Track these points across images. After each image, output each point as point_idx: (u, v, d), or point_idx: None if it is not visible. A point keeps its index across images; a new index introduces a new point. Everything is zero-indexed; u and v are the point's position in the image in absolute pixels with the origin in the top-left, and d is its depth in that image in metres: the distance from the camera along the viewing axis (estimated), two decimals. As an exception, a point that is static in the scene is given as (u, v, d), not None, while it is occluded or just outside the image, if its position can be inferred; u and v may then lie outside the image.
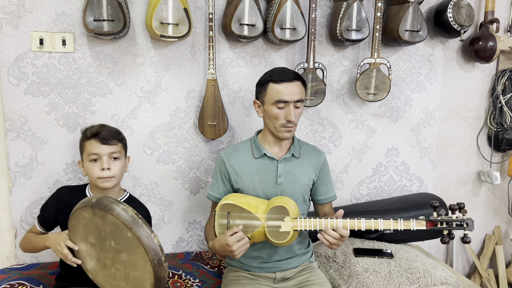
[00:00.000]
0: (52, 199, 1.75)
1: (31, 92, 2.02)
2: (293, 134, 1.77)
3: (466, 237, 1.58)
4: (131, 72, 2.13)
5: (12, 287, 1.83)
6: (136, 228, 1.36)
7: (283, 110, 1.72)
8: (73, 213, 1.48)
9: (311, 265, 1.90)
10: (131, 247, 1.38)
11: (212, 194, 1.87)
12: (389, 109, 2.55)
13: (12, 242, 2.10)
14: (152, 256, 1.36)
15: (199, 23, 2.18)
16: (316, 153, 1.89)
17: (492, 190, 2.90)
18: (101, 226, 1.42)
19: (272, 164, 1.80)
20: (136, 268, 1.41)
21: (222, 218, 1.67)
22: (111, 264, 1.46)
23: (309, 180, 1.84)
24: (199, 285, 1.98)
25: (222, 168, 1.83)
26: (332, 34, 2.30)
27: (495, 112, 2.71)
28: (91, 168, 1.66)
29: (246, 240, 1.60)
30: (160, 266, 1.38)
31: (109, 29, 1.90)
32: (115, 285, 1.49)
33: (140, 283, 1.43)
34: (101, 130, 1.68)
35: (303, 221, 1.62)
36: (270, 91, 1.73)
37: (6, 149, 2.03)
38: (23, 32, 1.98)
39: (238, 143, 1.92)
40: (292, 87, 1.71)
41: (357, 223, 1.61)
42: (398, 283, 1.89)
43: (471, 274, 2.94)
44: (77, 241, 1.52)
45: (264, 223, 1.63)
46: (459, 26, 2.36)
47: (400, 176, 2.66)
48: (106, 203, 1.40)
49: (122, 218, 1.36)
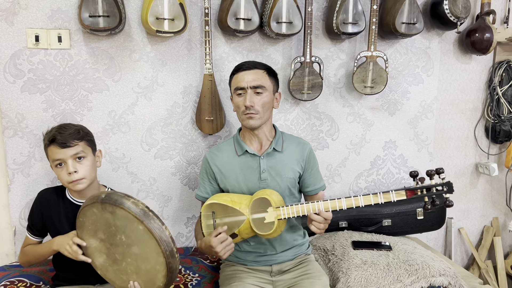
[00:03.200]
0: (36, 204, 1.71)
1: (27, 89, 2.02)
2: (259, 122, 1.75)
3: (448, 201, 1.58)
4: (128, 68, 2.13)
5: (12, 284, 1.84)
6: (147, 220, 1.37)
7: (242, 97, 1.75)
8: (81, 210, 1.49)
9: (308, 257, 1.91)
10: (143, 240, 1.40)
11: (200, 194, 1.88)
12: (386, 102, 2.56)
13: (11, 240, 2.10)
14: (164, 247, 1.38)
15: (195, 18, 2.17)
16: (300, 145, 1.88)
17: (490, 182, 2.91)
18: (111, 221, 1.43)
19: (254, 161, 1.80)
20: (148, 260, 1.42)
21: (208, 218, 1.69)
22: (122, 258, 1.47)
23: (294, 173, 1.83)
24: (198, 280, 1.99)
25: (207, 168, 1.85)
26: (329, 28, 2.30)
27: (492, 104, 2.71)
28: (59, 173, 1.61)
29: (229, 241, 1.60)
30: (172, 257, 1.40)
31: (105, 25, 1.89)
32: (125, 279, 1.50)
33: (152, 275, 1.44)
34: (57, 134, 1.59)
35: (286, 209, 1.63)
36: (232, 82, 1.80)
37: (4, 147, 2.03)
38: (18, 29, 1.97)
39: (222, 142, 1.93)
40: (249, 74, 1.74)
41: (338, 203, 1.61)
42: (396, 275, 1.89)
43: (470, 265, 2.96)
44: (86, 238, 1.52)
45: (249, 217, 1.65)
46: (456, 18, 2.35)
47: (398, 169, 2.67)
48: (116, 198, 1.41)
49: (133, 211, 1.38)
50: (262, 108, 1.74)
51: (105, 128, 2.14)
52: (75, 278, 1.70)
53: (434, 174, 1.57)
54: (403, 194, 1.60)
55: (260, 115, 1.74)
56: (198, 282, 1.97)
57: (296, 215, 1.63)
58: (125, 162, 2.19)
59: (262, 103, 1.74)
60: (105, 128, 2.14)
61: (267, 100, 1.76)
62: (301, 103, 2.40)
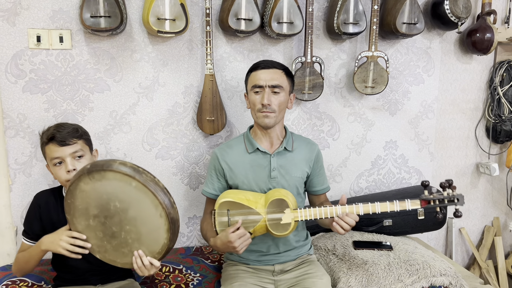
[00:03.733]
0: (34, 207, 1.69)
1: (29, 90, 2.02)
2: (274, 121, 1.76)
3: (457, 212, 1.64)
4: (129, 68, 2.13)
5: (14, 283, 1.84)
6: (139, 175, 1.36)
7: (259, 95, 1.76)
8: (68, 191, 1.45)
9: (310, 257, 1.91)
10: (138, 198, 1.38)
11: (207, 190, 1.88)
12: (387, 102, 2.56)
13: (13, 240, 2.11)
14: (161, 198, 1.37)
15: (196, 18, 2.18)
16: (309, 146, 1.89)
17: (491, 182, 2.91)
18: (102, 188, 1.40)
19: (265, 159, 1.81)
20: (147, 220, 1.41)
21: (222, 216, 1.68)
22: (120, 229, 1.44)
23: (303, 173, 1.85)
24: (200, 280, 1.99)
25: (216, 164, 1.84)
26: (330, 28, 2.30)
27: (493, 104, 2.71)
28: (57, 172, 1.60)
29: (247, 236, 1.61)
30: (172, 207, 1.40)
31: (106, 25, 1.89)
32: (127, 252, 1.47)
33: (155, 235, 1.43)
34: (56, 132, 1.59)
35: (303, 211, 1.64)
36: (249, 79, 1.80)
37: (5, 147, 2.04)
38: (20, 29, 1.97)
39: (232, 139, 1.94)
40: (268, 73, 1.75)
41: (355, 208, 1.65)
42: (397, 274, 1.90)
43: (471, 265, 2.96)
44: (78, 221, 1.48)
45: (265, 217, 1.65)
46: (456, 18, 2.35)
47: (398, 169, 2.67)
48: (102, 163, 1.39)
49: (123, 170, 1.36)
50: (278, 107, 1.75)
51: (106, 128, 2.15)
52: (76, 279, 1.69)
53: (446, 186, 1.65)
54: (418, 204, 1.66)
55: (275, 114, 1.76)
56: (199, 281, 1.98)
57: (313, 217, 1.65)
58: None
59: (278, 102, 1.75)
60: (106, 128, 2.15)
61: (283, 100, 1.77)
62: (302, 103, 2.41)
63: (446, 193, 1.65)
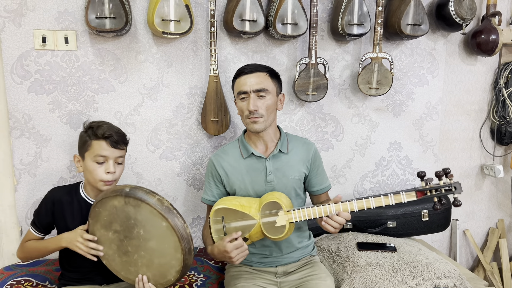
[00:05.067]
0: (47, 201, 1.71)
1: (34, 90, 2.03)
2: (263, 126, 1.74)
3: (456, 200, 1.59)
4: (134, 69, 2.14)
5: (18, 283, 1.85)
6: (171, 218, 1.43)
7: (246, 101, 1.75)
8: (100, 200, 1.50)
9: (313, 259, 1.91)
10: (163, 236, 1.44)
11: (206, 197, 1.88)
12: (391, 103, 2.55)
13: (18, 240, 2.11)
14: (184, 245, 1.44)
15: (200, 19, 2.18)
16: (305, 146, 1.87)
17: (495, 184, 2.90)
18: (132, 214, 1.46)
19: (260, 163, 1.80)
20: (163, 255, 1.47)
21: (217, 223, 1.69)
22: (135, 251, 1.50)
23: (300, 174, 1.83)
24: (203, 280, 1.99)
25: (213, 171, 1.84)
26: (334, 29, 2.30)
27: (498, 105, 2.70)
28: (96, 169, 1.63)
29: (245, 247, 1.60)
30: (189, 254, 1.46)
31: (111, 26, 1.90)
32: (133, 271, 1.53)
33: (165, 270, 1.48)
34: (112, 132, 1.64)
35: (297, 212, 1.63)
36: (235, 86, 1.81)
37: (11, 147, 2.05)
38: (25, 30, 1.99)
39: (226, 145, 1.93)
40: (251, 78, 1.74)
41: (349, 205, 1.62)
42: (401, 276, 1.89)
43: (475, 267, 2.95)
44: (97, 228, 1.54)
45: (259, 221, 1.64)
46: (461, 19, 2.35)
47: (403, 170, 2.66)
48: (141, 194, 1.44)
49: (158, 208, 1.43)
50: (266, 111, 1.74)
51: (111, 129, 2.15)
52: (81, 278, 1.70)
53: (442, 175, 1.58)
54: (413, 195, 1.61)
55: (264, 118, 1.74)
56: (203, 282, 1.98)
57: (308, 218, 1.63)
58: (131, 163, 2.20)
59: (266, 106, 1.74)
60: (111, 128, 2.15)
61: (270, 103, 1.76)
62: (306, 104, 2.41)
63: (443, 182, 1.60)
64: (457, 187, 1.58)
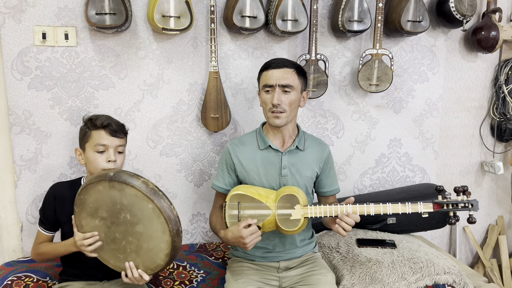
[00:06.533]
0: (49, 197, 1.72)
1: (34, 86, 2.03)
2: (284, 121, 1.76)
3: (471, 218, 1.63)
4: (134, 65, 2.14)
5: (19, 279, 1.86)
6: (157, 199, 1.40)
7: (270, 95, 1.75)
8: (84, 187, 1.48)
9: (315, 255, 1.92)
10: (150, 219, 1.42)
11: (217, 184, 1.88)
12: (391, 100, 2.55)
13: (18, 236, 2.12)
14: (172, 226, 1.42)
15: (200, 15, 2.18)
16: (320, 146, 1.90)
17: (495, 180, 2.90)
18: (118, 199, 1.44)
19: (276, 156, 1.81)
20: (151, 239, 1.45)
21: (233, 208, 1.69)
22: (122, 237, 1.48)
23: (313, 173, 1.85)
24: (204, 276, 2.00)
25: (228, 159, 1.85)
26: (334, 25, 2.30)
27: (498, 102, 2.70)
28: (96, 158, 1.64)
29: (258, 233, 1.62)
30: (177, 236, 1.44)
31: (111, 22, 1.90)
32: (122, 258, 1.51)
33: (153, 254, 1.46)
34: (111, 121, 1.67)
35: (313, 208, 1.64)
36: (261, 79, 1.81)
37: (11, 143, 2.05)
38: (25, 26, 1.98)
39: (244, 135, 1.94)
40: (279, 72, 1.74)
41: (366, 208, 1.64)
42: (401, 272, 1.90)
43: (474, 264, 2.95)
44: (84, 216, 1.51)
45: (275, 212, 1.65)
46: (461, 16, 2.35)
47: (403, 167, 2.67)
48: (125, 176, 1.42)
49: (144, 190, 1.40)
50: (289, 106, 1.75)
51: (111, 125, 2.15)
52: (83, 274, 1.71)
53: (461, 191, 1.64)
54: (430, 207, 1.64)
55: (286, 113, 1.75)
56: (203, 278, 1.98)
57: (324, 215, 1.65)
58: (131, 159, 2.21)
59: (289, 101, 1.75)
60: (111, 125, 2.15)
61: (294, 99, 1.76)
62: (307, 101, 2.40)
63: (461, 198, 1.64)
64: (474, 205, 1.63)
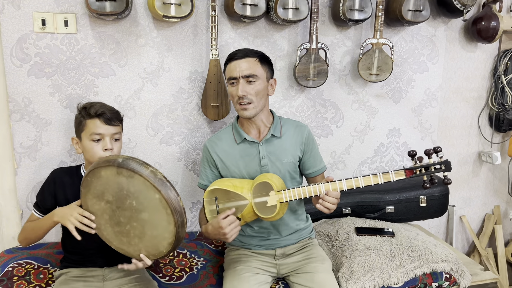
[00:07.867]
0: (49, 182, 1.72)
1: (34, 74, 2.02)
2: (253, 112, 1.75)
3: (446, 179, 1.58)
4: (134, 53, 2.13)
5: (20, 266, 1.87)
6: (165, 190, 1.40)
7: (235, 87, 1.75)
8: (92, 170, 1.48)
9: (312, 241, 1.93)
10: (156, 208, 1.42)
11: (202, 182, 1.89)
12: (391, 89, 2.56)
13: (18, 223, 2.12)
14: (177, 217, 1.41)
15: (201, 3, 2.17)
16: (298, 128, 1.88)
17: (493, 170, 2.92)
18: (125, 185, 1.43)
19: (254, 148, 1.81)
20: (156, 227, 1.45)
21: (211, 204, 1.71)
22: (127, 221, 1.48)
23: (294, 157, 1.84)
24: (204, 264, 2.01)
25: (208, 156, 1.86)
26: (335, 14, 2.29)
27: (497, 93, 2.71)
28: (93, 147, 1.64)
29: (237, 223, 1.62)
30: (182, 227, 1.44)
31: (112, 9, 1.89)
32: (125, 241, 1.52)
33: (157, 241, 1.47)
34: (105, 110, 1.65)
35: (287, 192, 1.65)
36: (226, 72, 1.80)
37: (11, 131, 2.04)
38: (25, 12, 1.97)
39: (220, 130, 1.94)
40: (240, 63, 1.73)
41: (338, 184, 1.62)
42: (399, 260, 1.92)
43: (471, 253, 2.98)
44: (89, 198, 1.51)
45: (251, 201, 1.66)
46: (462, 5, 2.34)
47: (401, 157, 2.68)
48: (134, 165, 1.41)
49: (151, 180, 1.39)
50: (256, 96, 1.74)
51: (111, 113, 2.15)
52: (83, 260, 1.71)
53: (432, 153, 1.57)
54: (402, 174, 1.60)
55: (254, 104, 1.74)
56: (203, 265, 2.00)
57: (298, 197, 1.65)
58: (131, 147, 2.21)
59: (255, 91, 1.74)
60: (111, 113, 2.15)
61: (260, 88, 1.75)
62: (306, 90, 2.41)
63: (433, 161, 1.58)
64: (447, 165, 1.57)
